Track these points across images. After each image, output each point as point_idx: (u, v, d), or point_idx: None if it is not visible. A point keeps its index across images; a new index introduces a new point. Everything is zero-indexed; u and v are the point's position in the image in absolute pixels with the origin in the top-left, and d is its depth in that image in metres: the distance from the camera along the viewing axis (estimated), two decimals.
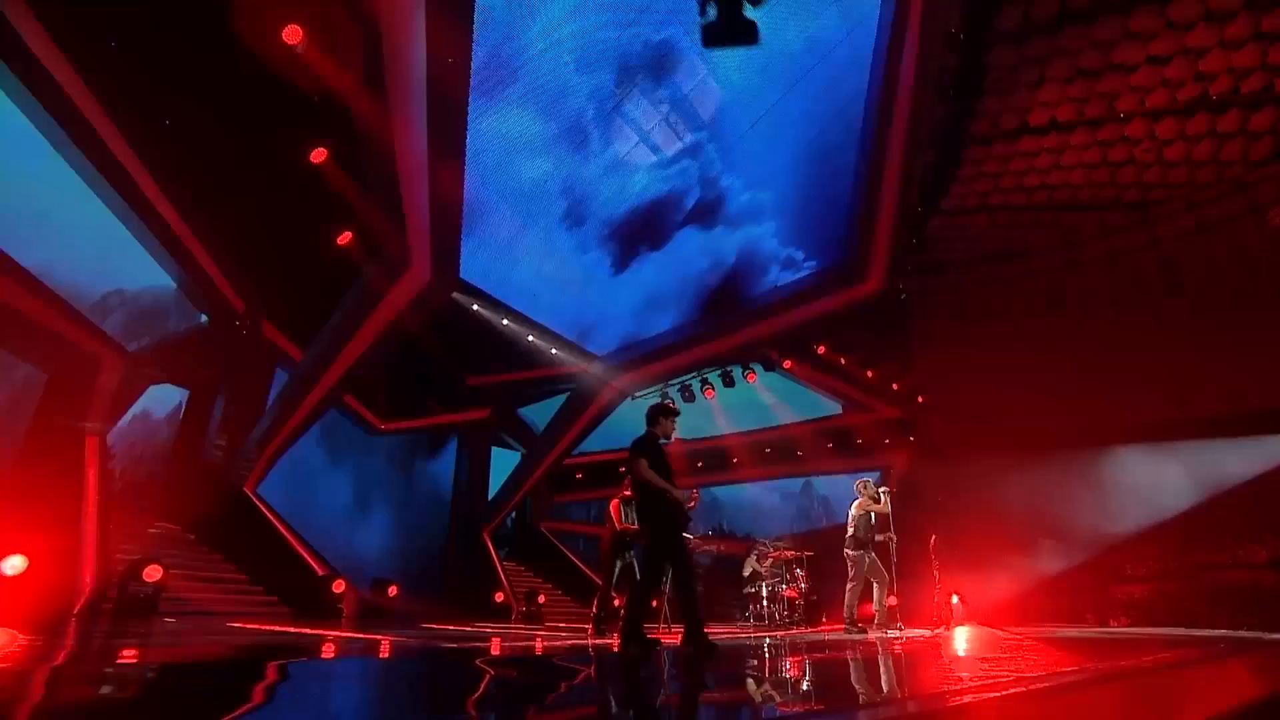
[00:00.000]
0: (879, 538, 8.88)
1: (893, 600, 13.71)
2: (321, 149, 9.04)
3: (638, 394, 15.41)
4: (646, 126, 12.88)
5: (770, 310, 14.81)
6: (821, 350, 16.34)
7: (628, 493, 8.07)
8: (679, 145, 13.36)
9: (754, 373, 15.30)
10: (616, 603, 8.23)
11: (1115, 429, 17.09)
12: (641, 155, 13.09)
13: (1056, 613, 14.48)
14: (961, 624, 11.68)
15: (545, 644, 6.42)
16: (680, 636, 5.23)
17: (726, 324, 14.77)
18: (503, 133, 10.43)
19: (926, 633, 8.74)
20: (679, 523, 5.37)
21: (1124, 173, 15.85)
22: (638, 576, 7.58)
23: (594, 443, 17.43)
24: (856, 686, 3.43)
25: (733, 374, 15.26)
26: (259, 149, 9.25)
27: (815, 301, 14.67)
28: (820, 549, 14.70)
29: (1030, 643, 6.50)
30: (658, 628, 8.08)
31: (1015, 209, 17.57)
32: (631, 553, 8.06)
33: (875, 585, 8.84)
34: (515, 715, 2.58)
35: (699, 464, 18.52)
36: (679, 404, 15.15)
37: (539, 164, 11.23)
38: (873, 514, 8.86)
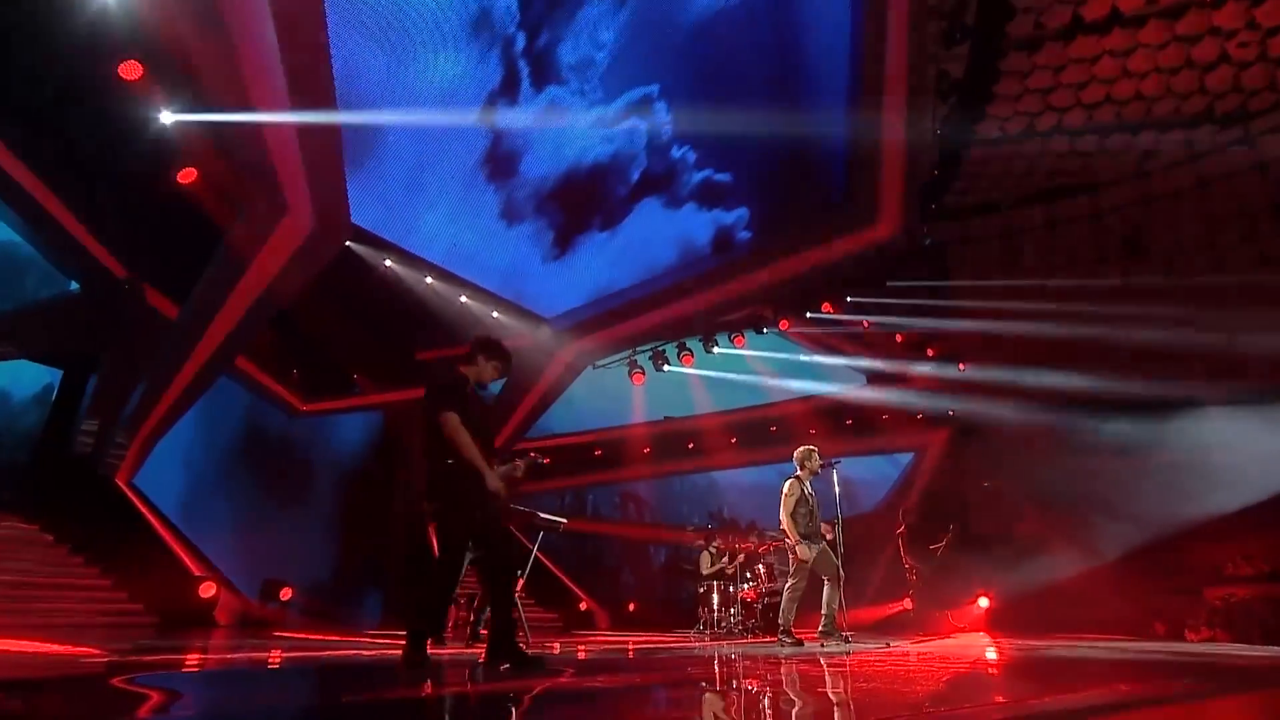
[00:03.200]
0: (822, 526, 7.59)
1: (906, 604, 12.10)
2: (133, 62, 7.75)
3: (599, 363, 13.91)
4: (584, 72, 11.23)
5: (759, 260, 12.95)
6: (828, 309, 14.43)
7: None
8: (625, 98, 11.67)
9: (742, 337, 13.54)
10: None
11: (1213, 390, 14.71)
12: (580, 106, 11.46)
13: (1117, 619, 12.42)
14: (956, 634, 10.30)
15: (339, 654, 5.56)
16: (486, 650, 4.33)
17: (705, 277, 13.00)
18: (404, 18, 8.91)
19: (886, 646, 7.48)
20: (483, 508, 4.17)
21: (1216, 76, 12.86)
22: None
23: (563, 423, 16.14)
24: None
25: (716, 339, 13.51)
26: (78, 76, 8.05)
27: (814, 249, 12.73)
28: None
29: (1002, 666, 5.34)
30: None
31: (1074, 132, 15.24)
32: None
33: (826, 582, 7.42)
34: None
35: (689, 445, 16.99)
36: (650, 373, 13.55)
37: (447, 65, 9.64)
38: (805, 488, 7.48)
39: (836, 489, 7.71)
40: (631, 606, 14.44)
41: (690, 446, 16.93)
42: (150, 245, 10.47)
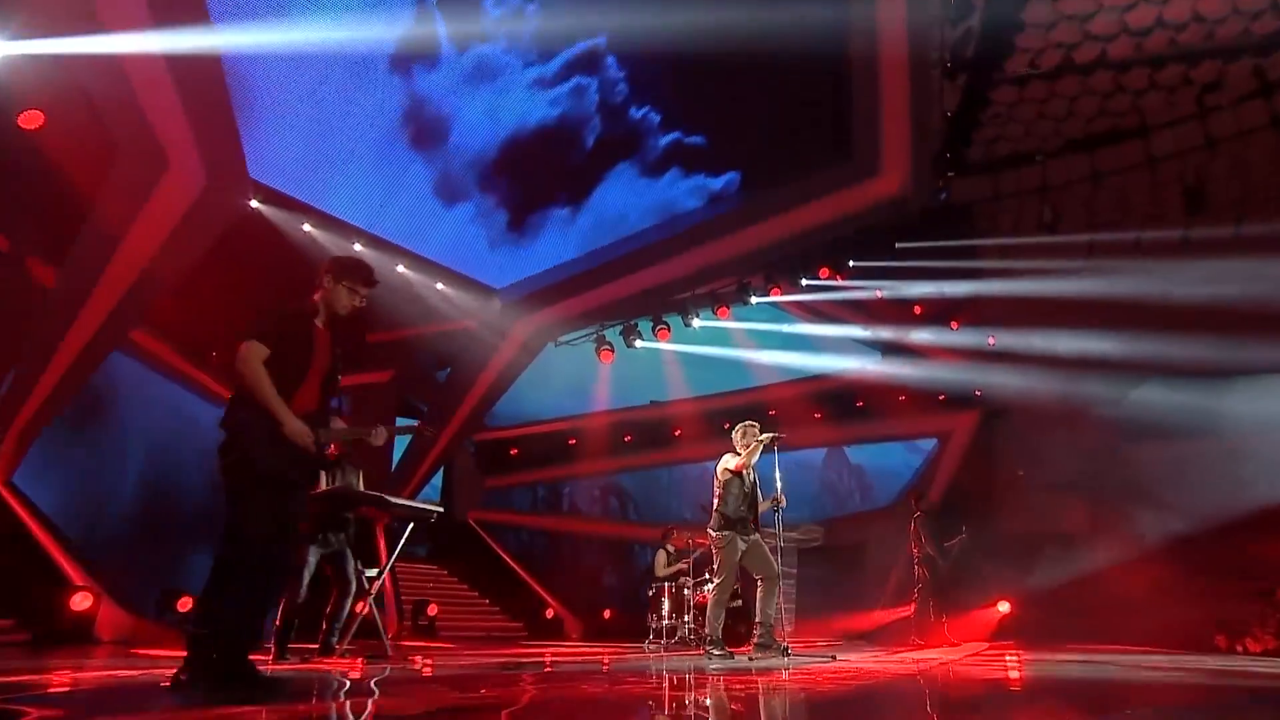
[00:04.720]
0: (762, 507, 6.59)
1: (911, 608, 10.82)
2: None
3: (561, 340, 12.60)
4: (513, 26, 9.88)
5: (744, 219, 11.51)
6: (827, 274, 12.99)
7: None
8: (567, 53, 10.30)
9: (726, 308, 12.14)
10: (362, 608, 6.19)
11: None
12: (513, 67, 10.11)
13: (1169, 628, 10.94)
14: (947, 645, 9.17)
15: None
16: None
17: (682, 239, 11.62)
18: None
19: (831, 659, 6.39)
20: (288, 471, 3.46)
21: None
22: (346, 570, 6.03)
23: (538, 410, 15.04)
24: None
25: (698, 311, 12.14)
26: None
27: (807, 206, 11.28)
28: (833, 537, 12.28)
29: (925, 690, 4.50)
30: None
31: (1118, 65, 13.72)
32: (341, 536, 5.99)
33: (760, 584, 6.39)
34: None
35: (676, 432, 15.66)
36: (619, 349, 12.22)
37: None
38: (749, 475, 6.49)
39: (778, 480, 6.46)
40: (606, 614, 13.21)
41: (678, 434, 15.66)
42: (26, 208, 9.46)
